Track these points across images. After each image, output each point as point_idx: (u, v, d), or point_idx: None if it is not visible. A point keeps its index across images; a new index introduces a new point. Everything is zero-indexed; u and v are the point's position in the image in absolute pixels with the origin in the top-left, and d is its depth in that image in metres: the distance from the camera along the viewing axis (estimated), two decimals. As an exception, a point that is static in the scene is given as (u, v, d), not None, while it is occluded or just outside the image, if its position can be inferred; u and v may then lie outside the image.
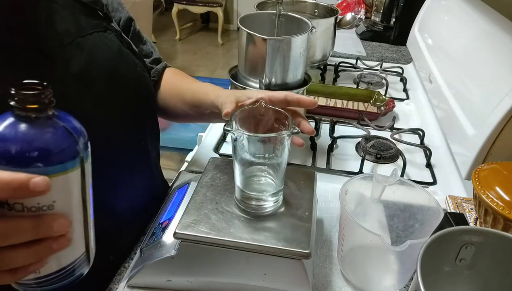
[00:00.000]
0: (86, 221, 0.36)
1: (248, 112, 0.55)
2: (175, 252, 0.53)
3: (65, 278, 0.37)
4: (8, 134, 0.30)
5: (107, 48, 0.60)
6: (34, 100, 0.31)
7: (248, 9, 0.85)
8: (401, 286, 0.58)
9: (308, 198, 0.58)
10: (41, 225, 0.32)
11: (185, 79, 0.78)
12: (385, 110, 1.01)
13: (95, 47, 0.58)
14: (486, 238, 0.43)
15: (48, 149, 0.31)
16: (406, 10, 1.48)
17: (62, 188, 0.33)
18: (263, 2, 1.11)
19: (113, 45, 0.62)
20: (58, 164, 0.32)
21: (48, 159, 0.31)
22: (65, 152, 0.32)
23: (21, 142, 0.30)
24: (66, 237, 0.34)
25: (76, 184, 0.34)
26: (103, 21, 0.62)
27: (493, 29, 0.84)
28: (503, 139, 0.68)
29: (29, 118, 0.31)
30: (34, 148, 0.31)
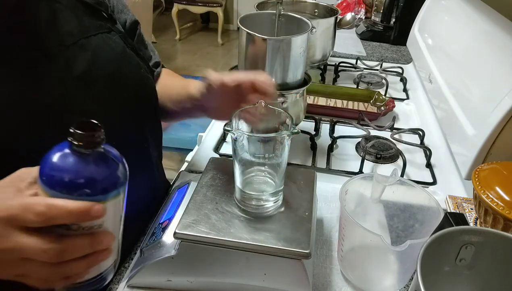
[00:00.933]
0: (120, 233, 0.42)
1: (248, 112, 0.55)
2: (175, 252, 0.53)
3: (97, 283, 0.41)
4: (74, 168, 0.36)
5: (111, 50, 0.60)
6: (91, 141, 0.36)
7: (248, 9, 0.85)
8: (401, 286, 0.58)
9: (308, 198, 0.58)
10: (95, 242, 0.38)
11: (174, 78, 0.80)
12: (385, 110, 1.01)
13: (98, 49, 0.58)
14: (486, 238, 0.43)
15: (107, 180, 0.37)
16: (406, 10, 1.48)
17: (111, 210, 0.38)
18: (263, 2, 1.11)
19: (117, 46, 0.62)
20: (112, 191, 0.37)
21: (107, 188, 0.37)
22: (118, 181, 0.38)
23: (85, 175, 0.36)
24: (108, 249, 0.40)
25: (120, 205, 0.40)
26: (107, 22, 0.62)
27: (493, 29, 0.84)
28: (503, 139, 0.68)
29: (85, 154, 0.36)
30: (97, 180, 0.36)
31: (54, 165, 0.36)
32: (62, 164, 0.36)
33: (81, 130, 0.35)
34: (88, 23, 0.59)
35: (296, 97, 0.77)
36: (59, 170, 0.35)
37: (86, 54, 0.56)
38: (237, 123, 0.54)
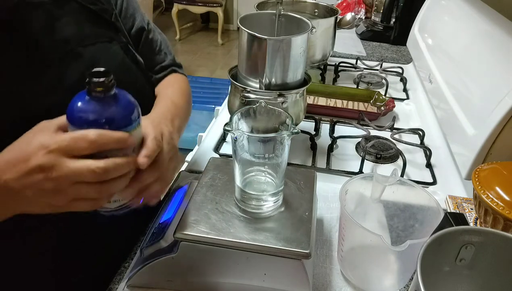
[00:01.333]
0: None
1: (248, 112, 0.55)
2: (175, 252, 0.53)
3: (128, 207, 0.48)
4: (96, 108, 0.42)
5: (108, 60, 0.58)
6: (101, 85, 0.42)
7: (248, 9, 0.85)
8: (401, 286, 0.58)
9: (308, 198, 0.58)
10: (130, 161, 0.44)
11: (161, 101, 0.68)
12: (385, 110, 1.01)
13: (94, 59, 0.56)
14: (486, 238, 0.43)
15: (126, 115, 0.44)
16: (406, 10, 1.48)
17: (136, 139, 0.45)
18: (263, 2, 1.11)
19: (115, 57, 0.60)
20: (134, 122, 0.45)
21: (132, 121, 0.44)
22: (136, 114, 0.45)
23: (113, 113, 0.43)
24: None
25: (140, 136, 0.47)
26: (110, 30, 0.61)
27: (493, 29, 0.84)
28: (503, 139, 0.68)
29: (102, 97, 0.42)
30: (116, 116, 0.43)
31: (80, 109, 0.42)
32: (86, 107, 0.42)
33: (95, 78, 0.41)
34: (88, 30, 0.57)
35: (296, 97, 0.77)
36: (85, 112, 0.42)
37: (81, 64, 0.54)
38: (237, 124, 0.54)
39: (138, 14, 0.71)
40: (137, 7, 0.72)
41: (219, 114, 1.06)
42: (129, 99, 0.45)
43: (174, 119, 0.61)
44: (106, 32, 0.60)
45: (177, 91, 0.71)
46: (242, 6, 4.58)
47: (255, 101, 0.58)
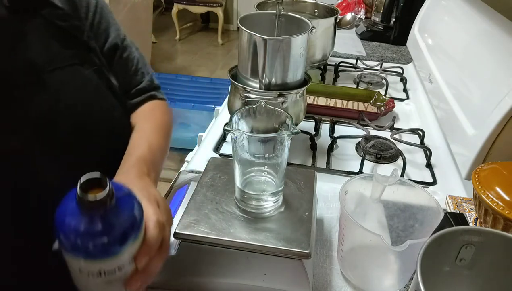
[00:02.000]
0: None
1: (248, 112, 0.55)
2: (175, 252, 0.53)
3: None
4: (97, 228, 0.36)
5: (80, 87, 0.50)
6: (100, 204, 0.35)
7: (248, 9, 0.85)
8: (401, 286, 0.58)
9: (308, 198, 0.58)
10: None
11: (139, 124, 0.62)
12: (385, 110, 1.01)
13: (64, 86, 0.48)
14: (486, 238, 0.43)
15: (137, 223, 0.39)
16: (406, 10, 1.48)
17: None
18: (263, 2, 1.11)
19: (88, 83, 0.52)
20: (141, 226, 0.40)
21: (139, 228, 0.39)
22: (139, 216, 0.39)
23: (114, 228, 0.36)
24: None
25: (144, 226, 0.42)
26: (82, 50, 0.52)
27: (493, 29, 0.84)
28: (503, 139, 0.68)
29: (98, 213, 0.35)
30: (128, 227, 0.38)
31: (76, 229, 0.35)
32: (72, 224, 0.35)
33: (86, 192, 0.34)
34: (56, 51, 0.49)
35: (296, 97, 0.77)
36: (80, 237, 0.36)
37: (48, 93, 0.46)
38: (237, 124, 0.54)
39: (113, 29, 0.62)
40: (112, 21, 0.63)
41: (219, 114, 1.06)
42: (128, 199, 0.39)
43: (151, 169, 0.54)
44: (78, 53, 0.52)
45: (155, 127, 0.62)
46: (242, 6, 4.58)
47: (255, 101, 0.58)
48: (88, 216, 0.35)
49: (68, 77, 0.49)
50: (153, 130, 0.61)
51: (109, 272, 0.38)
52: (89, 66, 0.52)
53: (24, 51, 0.46)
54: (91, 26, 0.58)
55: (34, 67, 0.45)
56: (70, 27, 0.51)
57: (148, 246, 0.40)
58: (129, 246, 0.38)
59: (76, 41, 0.52)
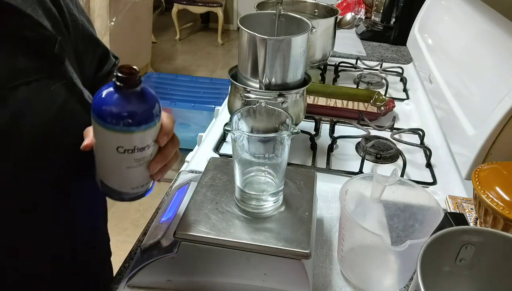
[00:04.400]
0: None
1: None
2: (175, 252, 0.53)
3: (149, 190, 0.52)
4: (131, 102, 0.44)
5: (46, 103, 0.47)
6: (133, 82, 0.43)
7: (248, 9, 0.85)
8: (401, 286, 0.58)
9: (308, 198, 0.58)
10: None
11: None
12: (385, 110, 1.01)
13: (27, 104, 0.44)
14: (486, 238, 0.43)
15: (158, 111, 0.46)
16: (406, 10, 1.48)
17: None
18: (263, 2, 1.11)
19: (55, 99, 0.48)
20: (160, 115, 0.47)
21: (157, 118, 0.46)
22: (160, 108, 0.47)
23: (144, 106, 0.45)
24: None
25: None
26: (51, 63, 0.48)
27: (493, 29, 0.84)
28: (503, 139, 0.68)
29: (127, 91, 0.44)
30: (154, 110, 0.45)
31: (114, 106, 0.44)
32: (111, 101, 0.43)
33: (122, 75, 0.42)
34: (22, 65, 0.45)
35: (296, 97, 0.77)
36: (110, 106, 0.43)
37: (6, 111, 0.42)
38: (237, 124, 0.54)
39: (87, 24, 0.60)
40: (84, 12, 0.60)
41: (219, 114, 1.06)
42: (152, 92, 0.46)
43: None
44: (46, 66, 0.47)
45: None
46: (242, 6, 4.58)
47: (255, 101, 0.58)
48: (129, 94, 0.43)
49: (33, 93, 0.45)
50: None
51: (140, 147, 0.46)
52: (59, 80, 0.49)
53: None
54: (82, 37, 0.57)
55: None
56: (38, 39, 0.46)
57: (165, 129, 0.47)
58: (155, 125, 0.46)
59: (45, 53, 0.47)
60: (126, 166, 0.47)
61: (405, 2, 1.48)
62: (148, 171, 0.48)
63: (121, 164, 0.46)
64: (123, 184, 0.49)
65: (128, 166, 0.47)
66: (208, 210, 0.55)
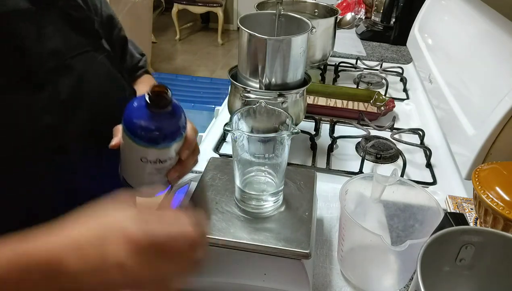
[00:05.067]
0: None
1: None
2: (175, 252, 0.53)
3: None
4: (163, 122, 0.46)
5: (96, 71, 0.56)
6: (165, 103, 0.45)
7: (248, 9, 0.85)
8: (401, 286, 0.58)
9: (308, 198, 0.58)
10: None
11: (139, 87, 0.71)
12: (385, 110, 1.01)
13: (85, 70, 0.53)
14: (486, 238, 0.43)
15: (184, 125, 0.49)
16: (406, 10, 1.48)
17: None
18: (263, 2, 1.11)
19: (102, 67, 0.57)
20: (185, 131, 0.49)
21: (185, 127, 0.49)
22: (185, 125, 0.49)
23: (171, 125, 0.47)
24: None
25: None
26: (94, 39, 0.58)
27: (493, 29, 0.84)
28: (503, 139, 0.68)
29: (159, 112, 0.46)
30: (180, 126, 0.48)
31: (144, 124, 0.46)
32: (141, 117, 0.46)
33: (154, 95, 0.44)
34: (74, 40, 0.54)
35: (296, 97, 0.77)
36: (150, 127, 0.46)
37: (72, 77, 0.52)
38: (237, 124, 0.54)
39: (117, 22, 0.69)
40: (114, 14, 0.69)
41: (219, 114, 1.06)
42: (179, 107, 0.48)
43: None
44: (91, 41, 0.57)
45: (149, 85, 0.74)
46: (242, 6, 4.58)
47: (255, 101, 0.58)
48: (159, 113, 0.45)
49: (86, 62, 0.54)
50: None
51: (163, 160, 0.49)
52: (101, 52, 0.58)
53: (47, 39, 0.50)
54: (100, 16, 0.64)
55: (58, 53, 0.50)
56: (83, 18, 0.56)
57: (188, 143, 0.50)
58: (180, 140, 0.49)
59: (89, 30, 0.57)
60: (147, 172, 0.50)
61: (405, 2, 1.48)
62: (166, 177, 0.51)
63: (143, 171, 0.50)
64: (141, 185, 0.52)
65: (149, 172, 0.50)
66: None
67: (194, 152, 0.53)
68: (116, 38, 0.69)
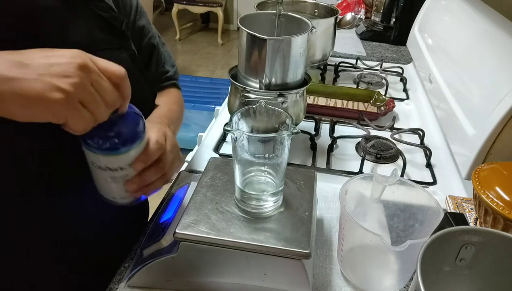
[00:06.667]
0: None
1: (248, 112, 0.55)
2: (175, 252, 0.53)
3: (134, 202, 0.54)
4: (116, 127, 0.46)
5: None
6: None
7: (248, 9, 0.85)
8: (401, 286, 0.58)
9: (308, 198, 0.58)
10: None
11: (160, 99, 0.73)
12: (385, 110, 1.01)
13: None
14: (486, 238, 0.43)
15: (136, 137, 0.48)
16: (406, 10, 1.48)
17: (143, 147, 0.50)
18: (263, 2, 1.11)
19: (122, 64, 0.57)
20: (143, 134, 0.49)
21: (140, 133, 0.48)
22: (142, 125, 0.49)
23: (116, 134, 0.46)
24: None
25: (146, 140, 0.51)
26: (119, 38, 0.61)
27: (493, 29, 0.84)
28: (503, 139, 0.68)
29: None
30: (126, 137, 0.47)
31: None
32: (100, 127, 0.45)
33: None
34: (98, 36, 0.57)
35: (296, 97, 0.77)
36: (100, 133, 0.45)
37: None
38: (237, 124, 0.54)
39: (150, 27, 0.73)
40: (148, 20, 0.73)
41: (219, 114, 1.06)
42: (132, 118, 0.48)
43: (170, 124, 0.64)
44: (115, 40, 0.60)
45: (172, 100, 0.75)
46: (242, 6, 4.58)
47: (255, 101, 0.58)
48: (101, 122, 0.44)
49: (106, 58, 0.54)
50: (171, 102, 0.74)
51: (113, 168, 0.47)
52: (125, 51, 0.61)
53: (72, 33, 0.54)
54: (132, 23, 0.68)
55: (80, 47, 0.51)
56: (110, 18, 0.59)
57: (146, 155, 0.49)
58: (129, 150, 0.47)
59: (115, 30, 0.60)
60: (102, 179, 0.49)
61: (405, 2, 1.48)
62: (125, 187, 0.50)
63: (98, 176, 0.50)
64: (103, 192, 0.52)
65: (104, 179, 0.49)
66: (208, 210, 0.55)
67: (158, 167, 0.52)
68: (146, 46, 0.72)
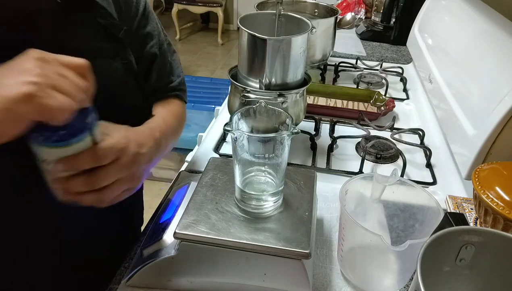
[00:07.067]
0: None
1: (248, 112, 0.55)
2: (175, 252, 0.53)
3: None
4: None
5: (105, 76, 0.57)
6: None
7: (248, 9, 0.85)
8: (401, 286, 0.58)
9: (308, 198, 0.58)
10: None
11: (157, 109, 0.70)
12: (385, 110, 1.01)
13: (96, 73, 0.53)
14: (486, 238, 0.43)
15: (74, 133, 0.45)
16: (406, 10, 1.48)
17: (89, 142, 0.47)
18: (263, 2, 1.11)
19: (114, 74, 0.59)
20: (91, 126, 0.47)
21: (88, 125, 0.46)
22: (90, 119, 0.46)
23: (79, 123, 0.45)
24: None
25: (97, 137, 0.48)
26: (116, 46, 0.60)
27: (493, 29, 0.84)
28: (503, 139, 0.68)
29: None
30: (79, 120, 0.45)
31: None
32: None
33: None
34: (92, 44, 0.57)
35: (296, 97, 0.77)
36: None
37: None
38: (237, 124, 0.54)
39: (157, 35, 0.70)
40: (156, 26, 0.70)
41: (219, 114, 1.06)
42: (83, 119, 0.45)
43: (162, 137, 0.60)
44: (111, 48, 0.59)
45: (170, 112, 0.71)
46: (242, 6, 4.58)
47: (255, 101, 0.58)
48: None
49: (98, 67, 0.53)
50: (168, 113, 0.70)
51: (48, 161, 0.45)
52: (119, 60, 0.60)
53: (70, 40, 0.54)
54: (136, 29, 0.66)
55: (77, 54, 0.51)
56: (108, 25, 0.58)
57: (92, 154, 0.46)
58: (71, 145, 0.44)
59: (112, 38, 0.59)
60: (40, 167, 0.47)
61: (405, 2, 1.48)
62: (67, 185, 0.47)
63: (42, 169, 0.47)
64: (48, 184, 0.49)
65: (41, 168, 0.47)
66: (208, 210, 0.55)
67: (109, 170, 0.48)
68: (147, 54, 0.69)
